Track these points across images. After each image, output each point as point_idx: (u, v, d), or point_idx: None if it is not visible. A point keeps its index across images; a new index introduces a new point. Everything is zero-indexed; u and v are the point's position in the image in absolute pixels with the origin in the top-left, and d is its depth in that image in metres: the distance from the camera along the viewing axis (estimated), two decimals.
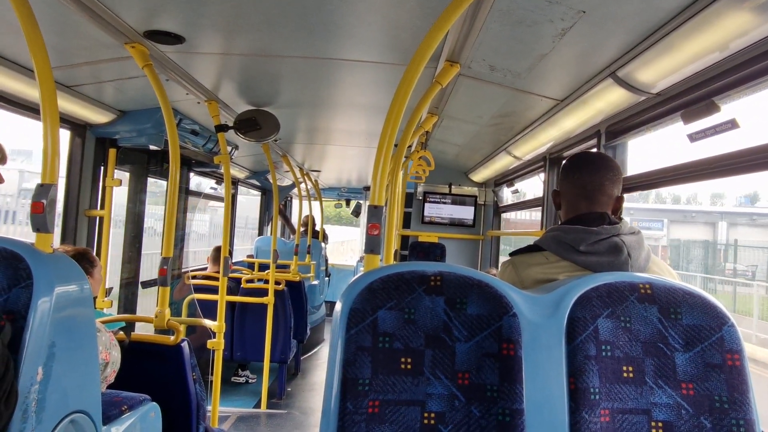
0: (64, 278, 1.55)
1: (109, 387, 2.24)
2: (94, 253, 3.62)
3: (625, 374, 1.25)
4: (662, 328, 1.27)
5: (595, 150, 2.82)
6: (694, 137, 1.91)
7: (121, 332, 2.48)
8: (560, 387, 1.23)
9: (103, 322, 2.50)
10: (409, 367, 1.25)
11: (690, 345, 1.26)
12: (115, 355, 2.17)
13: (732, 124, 1.75)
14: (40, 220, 1.60)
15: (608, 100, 2.29)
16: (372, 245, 1.64)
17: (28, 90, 2.74)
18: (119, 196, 3.97)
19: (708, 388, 1.24)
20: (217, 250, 5.50)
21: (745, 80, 1.72)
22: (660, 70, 1.89)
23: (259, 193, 8.49)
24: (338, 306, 1.29)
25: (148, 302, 4.75)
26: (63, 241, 3.49)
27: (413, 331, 1.26)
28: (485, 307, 1.28)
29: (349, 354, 1.24)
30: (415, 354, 1.25)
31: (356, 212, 10.89)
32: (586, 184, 1.64)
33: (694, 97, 1.96)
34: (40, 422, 1.43)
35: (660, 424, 1.22)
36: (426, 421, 1.22)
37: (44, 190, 1.61)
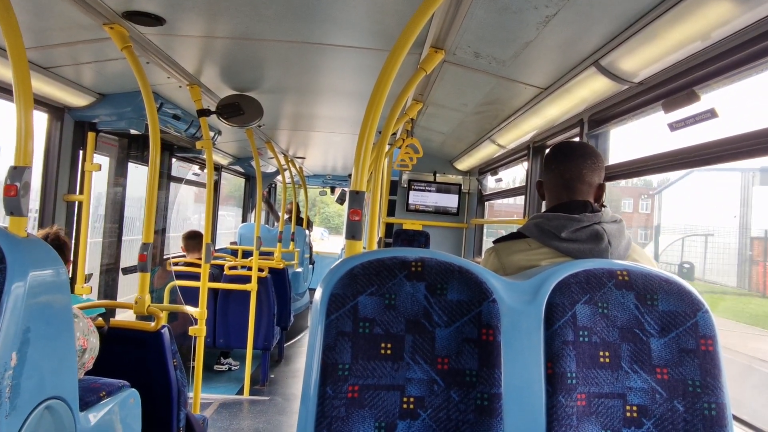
0: (38, 263, 1.52)
1: (89, 373, 2.22)
2: (73, 238, 3.57)
3: (601, 359, 1.27)
4: (639, 314, 1.29)
5: (577, 139, 2.83)
6: (674, 126, 1.93)
7: (100, 318, 2.45)
8: (538, 372, 1.25)
9: (82, 308, 2.46)
10: (389, 352, 1.25)
11: (665, 330, 1.28)
12: (93, 342, 2.15)
13: (711, 114, 1.77)
14: (13, 203, 1.56)
15: (591, 88, 2.30)
16: (353, 231, 1.63)
17: (1, 70, 2.67)
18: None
19: (682, 373, 1.26)
20: (189, 236, 5.37)
21: (725, 70, 1.73)
22: (642, 58, 1.89)
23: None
24: (319, 291, 1.29)
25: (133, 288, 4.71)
26: (41, 225, 3.43)
27: (394, 316, 1.27)
28: (465, 293, 1.28)
29: (330, 339, 1.24)
30: (395, 339, 1.26)
31: (341, 200, 10.87)
32: (564, 174, 1.66)
33: (675, 86, 1.97)
34: (15, 408, 1.41)
35: (635, 408, 1.24)
36: (405, 406, 1.23)
37: (17, 172, 1.57)
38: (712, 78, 1.80)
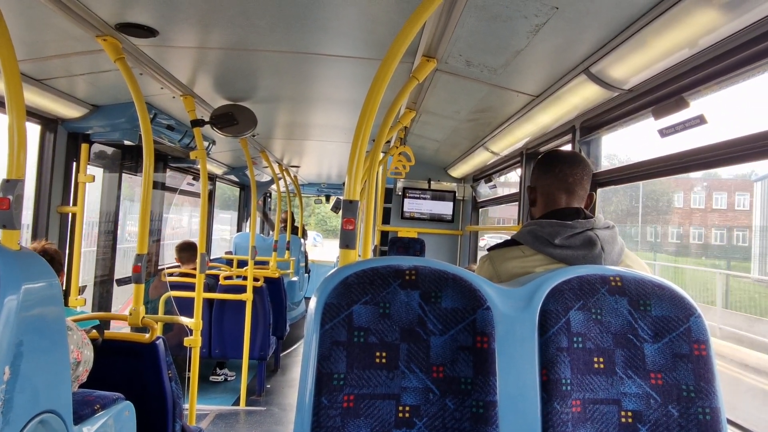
0: (31, 276, 1.51)
1: (83, 386, 2.20)
2: (67, 250, 3.56)
3: (596, 365, 1.27)
4: (632, 319, 1.29)
5: (569, 145, 2.85)
6: (664, 132, 1.95)
7: (94, 330, 2.44)
8: (533, 379, 1.25)
9: (76, 321, 2.45)
10: (384, 361, 1.25)
11: (659, 336, 1.29)
12: (88, 354, 2.14)
13: (700, 120, 1.79)
14: (5, 216, 1.56)
15: (582, 95, 2.32)
16: (347, 240, 1.63)
17: None
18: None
19: (676, 378, 1.26)
20: (182, 248, 5.36)
21: (713, 76, 1.75)
22: (632, 66, 1.91)
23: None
24: (313, 301, 1.29)
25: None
26: (34, 238, 3.42)
27: (388, 325, 1.27)
28: (460, 301, 1.29)
29: (324, 349, 1.24)
30: (390, 348, 1.26)
31: (336, 208, 10.86)
32: (568, 177, 1.68)
33: (665, 93, 1.99)
34: (8, 423, 1.40)
35: (629, 414, 1.25)
36: (401, 415, 1.23)
37: (10, 185, 1.57)
38: (701, 84, 1.82)
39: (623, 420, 1.24)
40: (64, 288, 3.44)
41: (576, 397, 1.24)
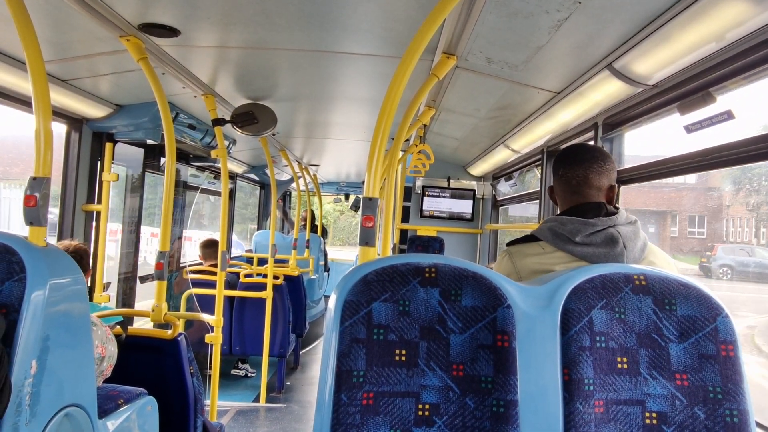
0: (57, 272, 1.54)
1: (106, 381, 2.24)
2: (92, 248, 3.63)
3: (619, 365, 1.25)
4: (657, 319, 1.27)
5: (585, 141, 2.81)
6: (690, 128, 1.90)
7: (118, 326, 2.48)
8: (554, 378, 1.24)
9: (100, 317, 2.50)
10: (403, 359, 1.25)
11: (684, 336, 1.26)
12: (112, 350, 2.17)
13: (728, 115, 1.75)
14: (33, 213, 1.59)
15: (605, 92, 2.28)
16: (366, 237, 1.63)
17: (21, 82, 2.73)
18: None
19: (702, 379, 1.24)
20: (206, 245, 5.45)
21: (741, 71, 1.71)
22: (656, 61, 1.88)
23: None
24: (333, 298, 1.29)
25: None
26: (60, 235, 3.49)
27: (408, 323, 1.26)
28: (480, 299, 1.28)
29: (344, 346, 1.24)
30: (409, 346, 1.25)
31: (355, 206, 10.88)
32: (570, 179, 1.65)
33: (691, 88, 1.95)
34: (35, 416, 1.43)
35: (654, 415, 1.22)
36: (420, 413, 1.22)
37: (37, 183, 1.60)
38: (728, 79, 1.77)
39: (647, 421, 1.22)
40: (89, 285, 3.51)
41: (599, 397, 1.22)
